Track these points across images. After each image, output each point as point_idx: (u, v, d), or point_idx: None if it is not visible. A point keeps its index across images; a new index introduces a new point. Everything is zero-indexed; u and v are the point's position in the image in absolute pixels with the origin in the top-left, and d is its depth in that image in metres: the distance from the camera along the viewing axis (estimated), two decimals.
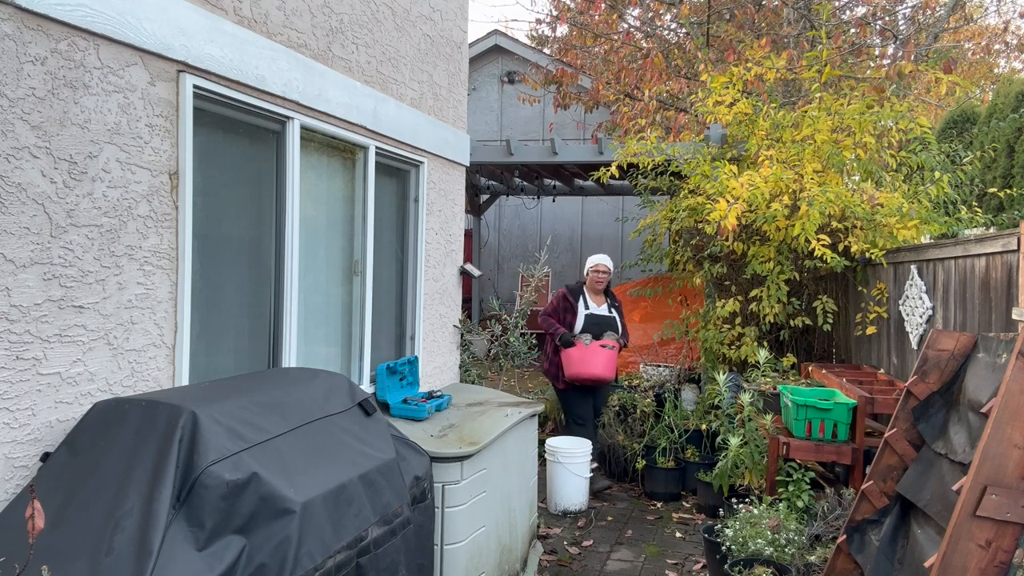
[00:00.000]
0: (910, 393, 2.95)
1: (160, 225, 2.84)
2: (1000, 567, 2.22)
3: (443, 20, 5.23)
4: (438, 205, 5.23)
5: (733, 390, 5.41)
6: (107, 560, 1.99)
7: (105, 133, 2.58)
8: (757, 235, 5.86)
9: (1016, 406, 2.26)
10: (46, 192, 2.38)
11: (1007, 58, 14.67)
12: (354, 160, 4.29)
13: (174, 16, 2.82)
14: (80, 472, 2.25)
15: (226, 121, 3.26)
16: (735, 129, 6.49)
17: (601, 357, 5.83)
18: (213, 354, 3.23)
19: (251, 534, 2.21)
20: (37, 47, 2.33)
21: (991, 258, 3.64)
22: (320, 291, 4.03)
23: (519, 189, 11.23)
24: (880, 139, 5.91)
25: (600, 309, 6.06)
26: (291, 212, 3.57)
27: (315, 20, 3.74)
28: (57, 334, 2.44)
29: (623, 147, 6.79)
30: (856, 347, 5.55)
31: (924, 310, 4.37)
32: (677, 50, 11.63)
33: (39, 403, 2.40)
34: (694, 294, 7.30)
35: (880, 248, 5.10)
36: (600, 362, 5.82)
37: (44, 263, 2.39)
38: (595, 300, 6.10)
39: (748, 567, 3.51)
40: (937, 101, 11.40)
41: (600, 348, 5.84)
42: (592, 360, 5.82)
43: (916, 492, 2.76)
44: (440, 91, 5.23)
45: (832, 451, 4.04)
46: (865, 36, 10.07)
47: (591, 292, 6.11)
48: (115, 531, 2.04)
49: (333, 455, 2.69)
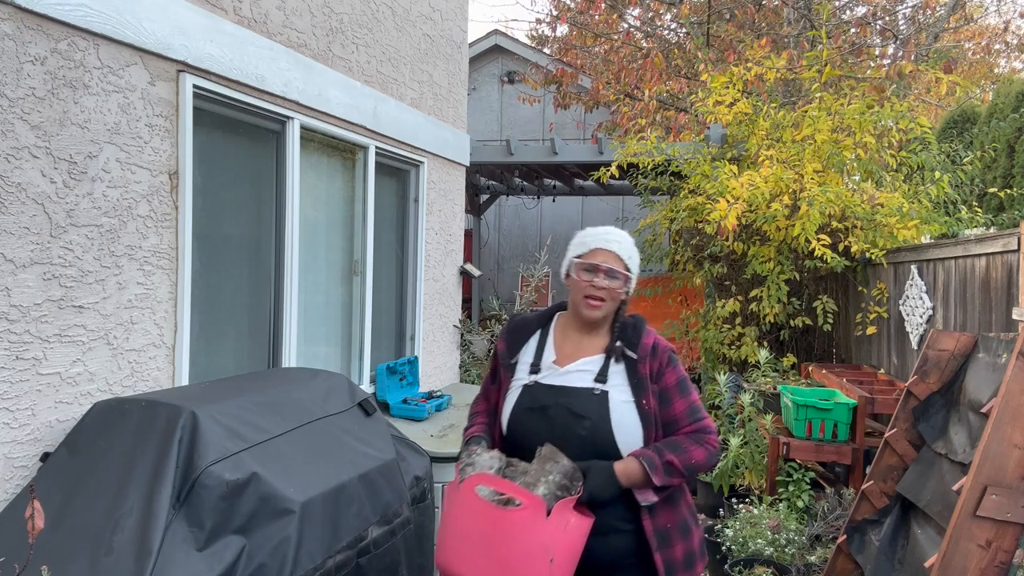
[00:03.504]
0: (910, 393, 2.95)
1: (160, 225, 2.83)
2: (1000, 567, 2.22)
3: (443, 20, 5.23)
4: (438, 205, 5.23)
5: (733, 390, 5.41)
6: (107, 560, 1.99)
7: (105, 133, 2.58)
8: (757, 235, 5.86)
9: (1016, 406, 2.25)
10: (46, 192, 2.38)
11: (1007, 58, 14.67)
12: (354, 160, 4.28)
13: (174, 16, 2.81)
14: (80, 472, 2.25)
15: (226, 121, 3.25)
16: (735, 129, 6.48)
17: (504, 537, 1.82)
18: (213, 354, 3.22)
19: (251, 534, 2.20)
20: (37, 47, 2.33)
21: (991, 258, 3.63)
22: (320, 291, 4.03)
23: (519, 189, 11.23)
24: (880, 139, 5.91)
25: (576, 369, 2.09)
26: (291, 212, 3.57)
27: (315, 20, 3.74)
28: (57, 334, 2.44)
29: (623, 147, 6.78)
30: (856, 347, 5.55)
31: (924, 310, 4.37)
32: (677, 50, 11.63)
33: (39, 403, 2.39)
34: (694, 294, 7.30)
35: (880, 248, 5.09)
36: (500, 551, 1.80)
37: (44, 263, 2.38)
38: (571, 343, 2.16)
39: (748, 567, 3.51)
40: (937, 101, 11.40)
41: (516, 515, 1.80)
42: (467, 535, 1.85)
43: (916, 492, 2.75)
44: (440, 91, 5.22)
45: (832, 451, 4.04)
46: (865, 36, 10.07)
47: (573, 322, 2.18)
48: (115, 531, 2.04)
49: (333, 455, 2.69)
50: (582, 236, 2.13)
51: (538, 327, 2.18)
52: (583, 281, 2.04)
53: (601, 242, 2.07)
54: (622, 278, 2.06)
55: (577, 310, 2.08)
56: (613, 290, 2.04)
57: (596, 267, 2.03)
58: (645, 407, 1.99)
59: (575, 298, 2.08)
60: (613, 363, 2.04)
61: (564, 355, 2.10)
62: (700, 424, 2.02)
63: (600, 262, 2.03)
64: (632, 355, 2.03)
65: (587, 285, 2.03)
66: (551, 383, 2.03)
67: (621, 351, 2.04)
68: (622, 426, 1.97)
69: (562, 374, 2.05)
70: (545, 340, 2.14)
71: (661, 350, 2.06)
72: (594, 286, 2.02)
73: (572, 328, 2.14)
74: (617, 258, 2.06)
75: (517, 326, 2.19)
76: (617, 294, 2.06)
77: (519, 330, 2.18)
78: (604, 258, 2.04)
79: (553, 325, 2.19)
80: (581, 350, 2.09)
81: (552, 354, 2.10)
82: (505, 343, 2.17)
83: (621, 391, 2.00)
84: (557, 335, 2.15)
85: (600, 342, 2.10)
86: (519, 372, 2.10)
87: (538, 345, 2.14)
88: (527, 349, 2.14)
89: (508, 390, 2.10)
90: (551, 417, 1.98)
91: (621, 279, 2.05)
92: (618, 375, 2.02)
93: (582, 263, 2.06)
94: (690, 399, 2.04)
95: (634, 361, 2.03)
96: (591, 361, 2.06)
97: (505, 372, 2.14)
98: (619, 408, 1.98)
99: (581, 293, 2.05)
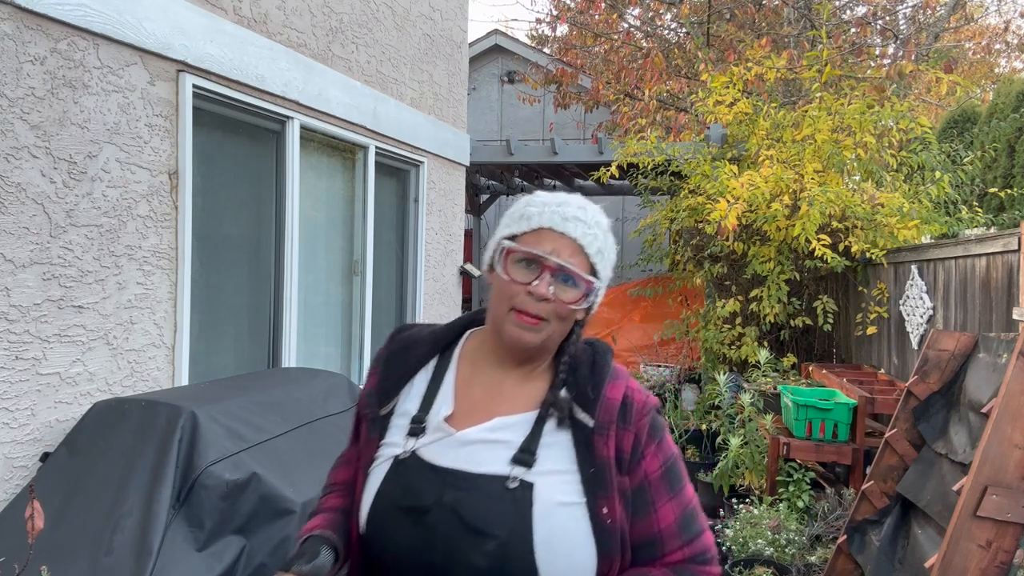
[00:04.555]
0: (911, 393, 2.95)
1: (160, 225, 2.83)
2: (1001, 568, 2.22)
3: (443, 20, 5.23)
4: (438, 205, 5.23)
5: (733, 390, 5.41)
6: (107, 560, 1.99)
7: (104, 133, 2.58)
8: (757, 235, 5.86)
9: (1016, 406, 2.25)
10: (45, 192, 2.38)
11: (1008, 58, 14.67)
12: (354, 160, 4.28)
13: (174, 16, 2.81)
14: (80, 472, 2.25)
15: (226, 121, 3.25)
16: (735, 129, 6.48)
17: None
18: (213, 354, 3.22)
19: (251, 534, 2.20)
20: (37, 47, 2.33)
21: (992, 258, 3.63)
22: (320, 291, 4.03)
23: (519, 189, 11.22)
24: (880, 139, 5.91)
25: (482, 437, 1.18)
26: (291, 212, 3.57)
27: (315, 20, 3.73)
28: (56, 334, 2.44)
29: (623, 147, 6.78)
30: (856, 347, 5.55)
31: (925, 310, 4.37)
32: (677, 50, 11.63)
33: (38, 403, 2.39)
34: (694, 294, 7.30)
35: (880, 248, 5.09)
36: None
37: (44, 263, 2.38)
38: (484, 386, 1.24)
39: (748, 567, 3.51)
40: (938, 101, 11.40)
41: None
42: None
43: (916, 492, 2.75)
44: (440, 91, 5.22)
45: (832, 451, 4.04)
46: (865, 36, 10.07)
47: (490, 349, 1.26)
48: (115, 531, 2.04)
49: (333, 455, 2.68)
50: (525, 204, 1.23)
51: (432, 354, 1.28)
52: (514, 283, 1.16)
53: (555, 219, 1.18)
54: (583, 286, 1.17)
55: (498, 330, 1.19)
56: (564, 305, 1.16)
57: (540, 261, 1.15)
58: (603, 517, 1.12)
59: (496, 310, 1.19)
60: (551, 429, 1.16)
61: (468, 408, 1.20)
62: (697, 547, 1.19)
63: (547, 253, 1.15)
64: (585, 419, 1.16)
65: (519, 291, 1.15)
66: (437, 461, 1.15)
67: (566, 409, 1.17)
68: (556, 551, 1.10)
69: (458, 444, 1.16)
70: (441, 378, 1.25)
71: (637, 410, 1.19)
72: (532, 294, 1.15)
73: (488, 360, 1.24)
74: (578, 250, 1.17)
75: (399, 348, 1.29)
76: (569, 312, 1.18)
77: (401, 356, 1.28)
78: (556, 246, 1.16)
79: (458, 352, 1.28)
80: (498, 401, 1.20)
81: (448, 404, 1.21)
82: (377, 377, 1.28)
83: (560, 485, 1.13)
84: (462, 370, 1.25)
85: (532, 389, 1.21)
86: (392, 432, 1.21)
87: (428, 386, 1.24)
88: (410, 391, 1.25)
89: (372, 463, 1.20)
90: (430, 526, 1.11)
91: (581, 287, 1.17)
92: (558, 453, 1.15)
93: (517, 251, 1.17)
94: (683, 500, 1.20)
95: (588, 431, 1.15)
96: (511, 423, 1.17)
97: (369, 429, 1.25)
98: (552, 517, 1.10)
99: (507, 303, 1.16)
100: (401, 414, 1.23)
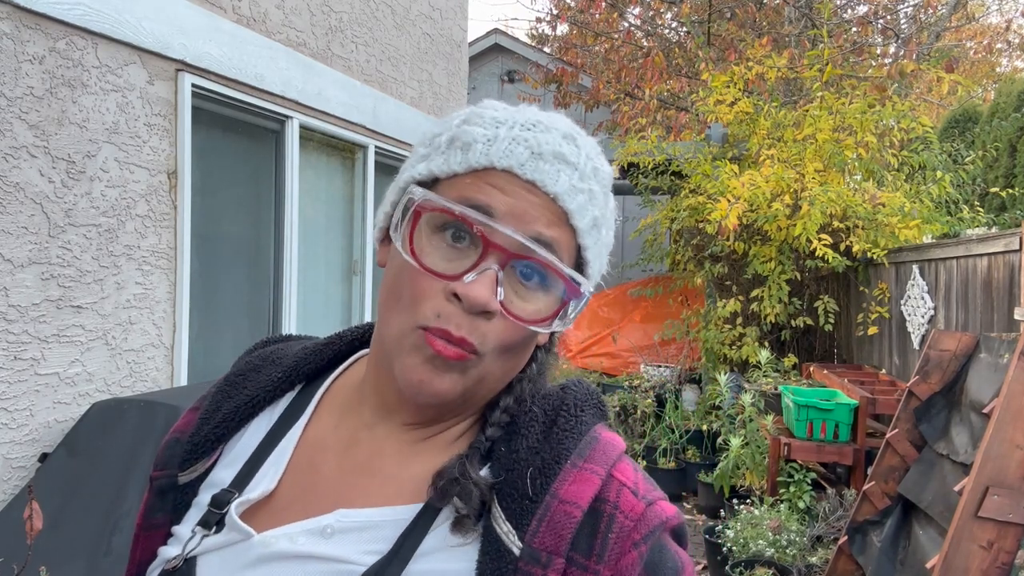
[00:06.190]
0: (912, 393, 2.94)
1: (158, 225, 2.83)
2: (1002, 568, 2.21)
3: (443, 19, 5.22)
4: None
5: (734, 390, 5.40)
6: (105, 561, 1.98)
7: (103, 132, 2.57)
8: (758, 235, 5.85)
9: (1018, 406, 2.24)
10: (44, 192, 2.37)
11: (1009, 57, 14.66)
12: (353, 159, 4.28)
13: (173, 15, 2.81)
14: (78, 473, 2.24)
15: (225, 120, 3.25)
16: (736, 128, 6.47)
17: None
18: (212, 354, 3.22)
19: None
20: (35, 46, 2.32)
21: (993, 258, 3.62)
22: (319, 290, 4.02)
23: None
24: (882, 138, 5.90)
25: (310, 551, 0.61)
26: (290, 211, 3.56)
27: (314, 19, 3.73)
28: (55, 334, 2.43)
29: (623, 146, 6.78)
30: (858, 347, 5.54)
31: (926, 310, 4.36)
32: (678, 49, 11.62)
33: (37, 403, 2.39)
34: (695, 294, 7.29)
35: (882, 248, 5.08)
36: None
37: (42, 263, 2.38)
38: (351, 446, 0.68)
39: (749, 568, 3.50)
40: (939, 100, 11.39)
41: None
42: None
43: (918, 493, 2.74)
44: (440, 90, 5.22)
45: (833, 452, 4.03)
46: (867, 35, 10.06)
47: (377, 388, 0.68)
48: (113, 532, 2.04)
49: None
50: (462, 121, 0.65)
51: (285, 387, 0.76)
52: (427, 274, 0.60)
53: (519, 153, 0.61)
54: (560, 289, 0.62)
55: (387, 362, 0.64)
56: (518, 326, 0.61)
57: (483, 235, 0.60)
58: None
59: (390, 324, 0.63)
60: (438, 540, 0.61)
61: (303, 488, 0.67)
62: None
63: (499, 219, 0.60)
64: (508, 537, 0.59)
65: (435, 292, 0.60)
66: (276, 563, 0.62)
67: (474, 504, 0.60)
68: None
69: (252, 561, 0.63)
70: (285, 430, 0.71)
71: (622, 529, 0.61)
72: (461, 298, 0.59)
73: (368, 406, 0.69)
74: (558, 218, 0.62)
75: (245, 371, 0.81)
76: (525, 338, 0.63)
77: (239, 385, 0.79)
78: (517, 207, 0.60)
79: (323, 390, 0.74)
80: (360, 480, 0.66)
81: (271, 478, 0.68)
82: (197, 416, 0.77)
83: None
84: (320, 420, 0.72)
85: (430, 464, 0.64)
86: (191, 513, 0.69)
87: (263, 441, 0.71)
88: (235, 446, 0.73)
89: (139, 571, 0.72)
90: None
91: (557, 291, 0.63)
92: None
93: (438, 207, 0.61)
94: None
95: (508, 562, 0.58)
96: (364, 523, 0.62)
97: (158, 502, 0.72)
98: None
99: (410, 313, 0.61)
100: (212, 484, 0.70)
